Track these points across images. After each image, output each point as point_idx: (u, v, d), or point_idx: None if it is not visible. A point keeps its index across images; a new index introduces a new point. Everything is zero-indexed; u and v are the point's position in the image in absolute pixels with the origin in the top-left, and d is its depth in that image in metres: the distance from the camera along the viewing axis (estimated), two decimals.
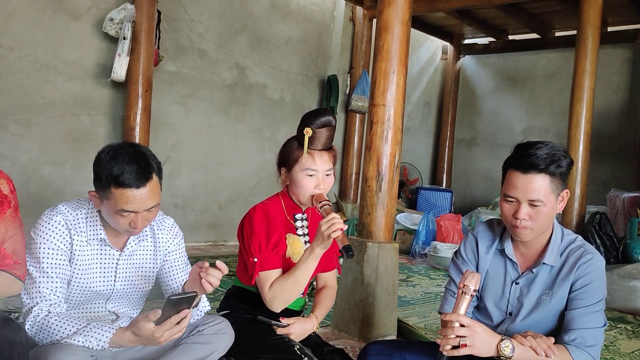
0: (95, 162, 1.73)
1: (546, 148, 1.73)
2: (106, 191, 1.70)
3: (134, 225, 1.73)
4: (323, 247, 1.93)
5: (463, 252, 1.97)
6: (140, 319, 1.60)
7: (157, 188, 1.76)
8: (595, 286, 1.77)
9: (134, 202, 1.69)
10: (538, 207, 1.72)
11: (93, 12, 5.28)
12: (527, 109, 8.75)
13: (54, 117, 5.14)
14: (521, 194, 1.73)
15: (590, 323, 1.75)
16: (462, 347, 1.59)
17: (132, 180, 1.67)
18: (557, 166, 1.72)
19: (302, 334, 2.08)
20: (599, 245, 5.06)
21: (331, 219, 1.86)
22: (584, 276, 1.77)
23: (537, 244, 1.84)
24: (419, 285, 5.02)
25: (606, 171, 7.80)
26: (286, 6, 6.98)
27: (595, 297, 1.77)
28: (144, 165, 1.71)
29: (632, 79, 7.74)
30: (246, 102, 6.69)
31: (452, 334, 1.59)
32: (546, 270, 1.83)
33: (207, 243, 6.39)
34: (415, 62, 8.90)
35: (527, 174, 1.72)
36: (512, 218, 1.76)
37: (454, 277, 1.95)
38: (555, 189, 1.74)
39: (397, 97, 3.27)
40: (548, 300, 1.81)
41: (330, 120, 2.03)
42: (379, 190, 3.27)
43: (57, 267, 1.75)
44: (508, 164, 1.79)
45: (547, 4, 6.94)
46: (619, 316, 4.35)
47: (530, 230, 1.76)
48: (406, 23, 3.29)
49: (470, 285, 1.62)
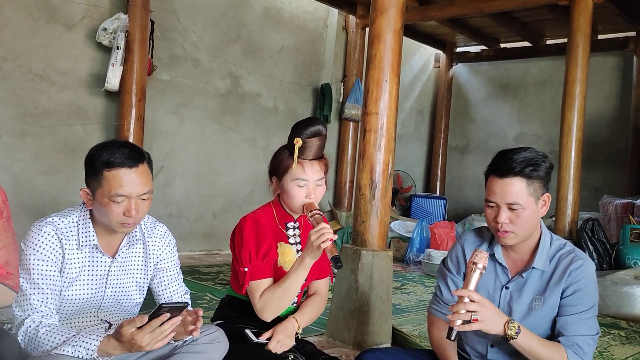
0: (87, 156, 1.78)
1: (524, 152, 1.76)
2: (99, 177, 1.72)
3: (128, 214, 1.73)
4: (313, 257, 1.93)
5: (449, 262, 2.01)
6: (125, 324, 1.59)
7: (149, 175, 1.79)
8: (587, 292, 1.78)
9: (127, 184, 1.72)
10: (517, 211, 1.74)
11: (86, 22, 5.29)
12: (519, 116, 8.80)
13: (47, 127, 5.13)
14: (499, 198, 1.76)
15: (584, 330, 1.76)
16: (473, 322, 1.60)
17: (124, 159, 1.72)
18: (534, 169, 1.74)
19: (287, 335, 2.03)
20: (592, 252, 5.08)
21: (320, 229, 1.86)
22: (576, 282, 1.78)
23: (526, 249, 1.85)
24: (414, 292, 5.02)
25: (598, 178, 7.85)
26: (279, 15, 7.01)
27: (588, 303, 1.78)
28: (135, 149, 1.78)
29: (622, 86, 7.81)
30: (240, 111, 6.70)
31: (463, 308, 1.61)
32: (536, 275, 1.84)
33: (202, 252, 6.37)
34: (408, 70, 8.95)
35: (504, 178, 1.75)
36: (494, 223, 1.78)
37: (440, 282, 2.01)
38: (534, 192, 1.75)
39: (389, 106, 3.28)
40: (540, 306, 1.81)
41: (321, 130, 2.03)
42: (372, 198, 3.28)
43: (47, 279, 1.75)
44: (488, 171, 1.83)
45: (538, 12, 7.00)
46: (613, 322, 4.36)
47: (513, 234, 1.77)
48: (398, 32, 3.31)
49: (479, 262, 1.66)
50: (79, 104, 5.33)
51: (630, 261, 5.12)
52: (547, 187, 1.80)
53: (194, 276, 4.96)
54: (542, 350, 1.70)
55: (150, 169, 1.81)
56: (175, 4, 5.97)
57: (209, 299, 4.14)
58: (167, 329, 1.59)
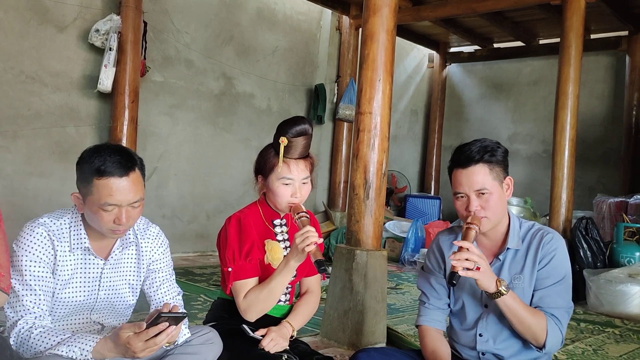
0: (78, 160, 1.75)
1: (479, 142, 1.90)
2: (89, 185, 1.70)
3: (118, 222, 1.72)
4: (298, 260, 1.92)
5: (428, 264, 2.09)
6: (124, 327, 1.58)
7: (141, 182, 1.76)
8: (559, 262, 1.89)
9: (117, 193, 1.69)
10: (485, 196, 1.85)
11: (79, 24, 5.27)
12: (512, 115, 8.83)
13: (40, 129, 5.11)
14: (467, 187, 1.86)
15: (559, 302, 1.86)
16: (476, 270, 1.72)
17: (114, 169, 1.68)
18: (491, 155, 1.86)
19: (281, 336, 2.02)
20: (586, 250, 5.09)
21: (305, 233, 1.85)
22: (548, 254, 1.89)
23: (498, 234, 1.95)
24: (408, 292, 5.02)
25: (592, 177, 7.87)
26: (273, 16, 7.00)
27: (562, 273, 1.88)
28: (126, 156, 1.73)
29: (615, 85, 7.84)
30: (233, 112, 6.69)
31: (467, 256, 1.71)
32: (511, 255, 1.93)
33: (195, 253, 6.36)
34: (402, 70, 8.95)
35: (467, 168, 1.86)
36: (466, 212, 1.87)
37: (423, 289, 2.08)
38: (497, 177, 1.87)
39: (383, 105, 3.29)
40: (521, 284, 1.90)
41: (307, 129, 2.02)
42: (366, 198, 3.27)
43: (40, 280, 1.73)
44: (450, 166, 1.92)
45: (531, 12, 7.02)
46: (607, 320, 4.37)
47: (487, 219, 1.86)
48: (391, 32, 3.31)
49: (474, 223, 1.81)
50: (72, 106, 5.31)
51: (624, 259, 5.13)
52: (507, 171, 1.92)
53: (187, 277, 4.95)
54: (525, 313, 1.80)
55: (142, 174, 1.78)
56: (168, 5, 5.96)
57: (202, 300, 4.13)
58: (162, 339, 1.58)
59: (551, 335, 1.80)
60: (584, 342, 3.72)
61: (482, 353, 1.96)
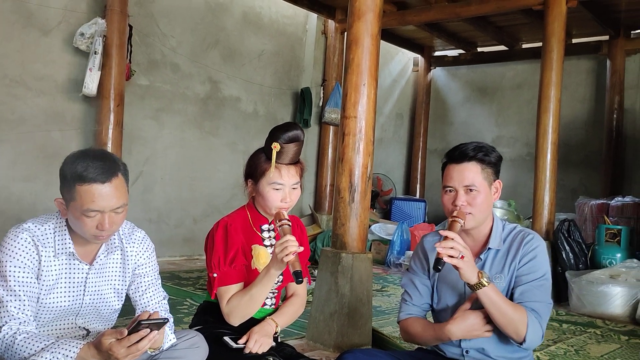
0: (61, 166, 1.75)
1: (475, 143, 1.98)
2: (72, 191, 1.70)
3: (101, 227, 1.71)
4: (278, 269, 1.95)
5: (413, 265, 2.14)
6: (107, 334, 1.59)
7: (124, 188, 1.76)
8: (539, 260, 1.94)
9: (99, 199, 1.68)
10: (473, 193, 1.91)
11: (63, 27, 5.25)
12: (496, 119, 8.91)
13: (24, 133, 5.07)
14: (457, 182, 1.92)
15: (539, 297, 1.90)
16: (460, 258, 1.77)
17: (96, 174, 1.67)
18: (485, 155, 1.93)
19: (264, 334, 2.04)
20: (568, 252, 5.16)
21: (284, 242, 1.86)
22: (528, 253, 1.94)
23: (480, 234, 2.01)
24: (394, 295, 5.05)
25: (574, 179, 7.98)
26: (258, 20, 7.02)
27: (541, 271, 1.93)
28: (109, 162, 1.73)
29: (596, 89, 7.95)
30: (220, 115, 6.70)
31: (453, 245, 1.76)
32: (492, 254, 1.99)
33: (182, 257, 6.34)
34: (387, 74, 9.01)
35: (459, 164, 1.94)
36: (452, 207, 1.93)
37: (407, 288, 2.13)
38: (487, 178, 1.94)
39: (368, 109, 3.32)
40: (502, 282, 1.95)
41: (299, 135, 2.05)
42: (351, 201, 3.30)
43: (24, 285, 1.73)
44: (445, 162, 2.00)
45: (513, 17, 7.10)
46: (589, 321, 4.44)
47: (471, 216, 1.92)
48: (376, 36, 3.35)
49: (460, 217, 1.87)
50: (57, 110, 5.28)
51: (606, 261, 5.20)
52: (498, 175, 1.99)
53: (174, 282, 4.94)
54: (506, 306, 1.83)
55: (125, 180, 1.77)
56: (154, 9, 5.95)
57: (189, 305, 4.13)
58: (144, 345, 1.58)
59: (531, 330, 1.83)
60: (566, 342, 3.77)
61: (466, 351, 1.99)
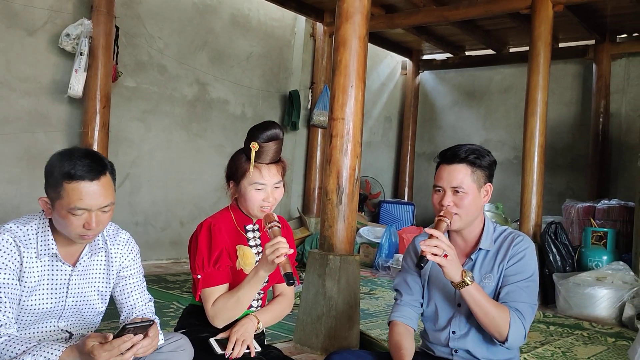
0: (47, 164, 1.72)
1: (470, 145, 1.99)
2: (58, 189, 1.67)
3: (88, 226, 1.69)
4: (267, 270, 1.91)
5: (404, 263, 2.16)
6: (92, 337, 1.57)
7: (111, 187, 1.75)
8: (527, 261, 1.95)
9: (86, 197, 1.67)
10: (460, 194, 1.92)
11: (49, 28, 5.20)
12: (484, 122, 8.96)
13: (8, 135, 5.01)
14: (445, 182, 1.94)
15: (524, 297, 1.91)
16: (444, 257, 1.78)
17: (84, 173, 1.66)
18: (477, 157, 1.94)
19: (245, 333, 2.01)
20: (555, 254, 5.19)
21: (275, 244, 1.84)
22: (517, 253, 1.96)
23: (471, 235, 2.02)
24: (382, 297, 5.05)
25: (561, 182, 8.03)
26: (247, 22, 7.00)
27: (528, 272, 1.94)
28: (97, 160, 1.72)
29: (583, 93, 8.02)
30: (207, 117, 6.66)
31: (437, 244, 1.78)
32: (482, 255, 2.00)
33: (169, 260, 6.29)
34: (376, 77, 9.02)
35: (450, 165, 1.95)
36: (439, 206, 1.95)
37: (399, 287, 2.13)
38: (477, 180, 1.94)
39: (355, 111, 3.31)
40: (490, 282, 1.96)
41: (278, 134, 2.03)
42: (339, 203, 3.29)
43: (5, 287, 1.69)
44: (438, 163, 2.01)
45: (501, 21, 7.15)
46: (576, 323, 4.46)
47: (458, 217, 1.93)
48: (363, 38, 3.35)
49: (447, 217, 1.89)
50: (41, 111, 5.22)
51: (592, 263, 5.24)
52: (490, 179, 1.99)
53: (160, 285, 4.90)
54: (489, 305, 1.84)
55: (113, 178, 1.76)
56: (141, 10, 5.91)
57: (175, 308, 4.08)
58: (128, 357, 1.56)
59: (514, 329, 1.84)
60: (553, 344, 3.78)
61: (454, 350, 1.99)
